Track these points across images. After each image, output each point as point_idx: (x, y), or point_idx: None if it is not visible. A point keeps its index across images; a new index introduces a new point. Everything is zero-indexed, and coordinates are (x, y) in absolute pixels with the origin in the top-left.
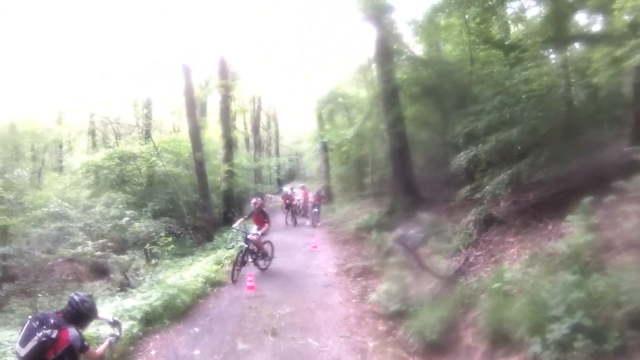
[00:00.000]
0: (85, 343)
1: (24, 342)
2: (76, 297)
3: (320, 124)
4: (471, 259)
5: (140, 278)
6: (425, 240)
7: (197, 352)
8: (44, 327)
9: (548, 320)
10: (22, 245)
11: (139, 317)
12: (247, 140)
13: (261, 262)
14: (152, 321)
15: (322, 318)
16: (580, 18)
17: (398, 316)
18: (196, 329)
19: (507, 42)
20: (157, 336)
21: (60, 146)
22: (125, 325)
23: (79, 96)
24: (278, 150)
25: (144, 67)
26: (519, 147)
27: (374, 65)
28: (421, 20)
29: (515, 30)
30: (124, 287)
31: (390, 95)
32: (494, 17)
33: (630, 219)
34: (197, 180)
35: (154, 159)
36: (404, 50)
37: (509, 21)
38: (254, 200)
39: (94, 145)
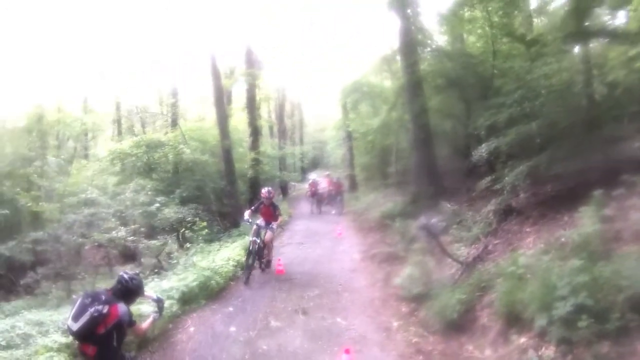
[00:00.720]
0: (133, 319)
1: (76, 318)
2: (125, 275)
3: (344, 113)
4: (490, 247)
5: (174, 261)
6: (447, 228)
7: (233, 328)
8: (96, 303)
9: (555, 300)
10: (58, 230)
11: (176, 296)
12: (271, 128)
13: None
14: (188, 301)
15: (349, 299)
16: (602, 13)
17: (420, 299)
18: (230, 309)
19: (528, 37)
20: (194, 315)
21: (86, 134)
22: (165, 304)
23: (106, 85)
24: (302, 138)
25: (171, 56)
26: (538, 141)
27: (398, 57)
28: (445, 13)
29: (538, 24)
30: (159, 270)
31: (414, 86)
32: (516, 11)
33: (638, 212)
34: (224, 168)
35: (181, 146)
36: (427, 42)
37: (532, 15)
38: (266, 190)
39: (120, 133)
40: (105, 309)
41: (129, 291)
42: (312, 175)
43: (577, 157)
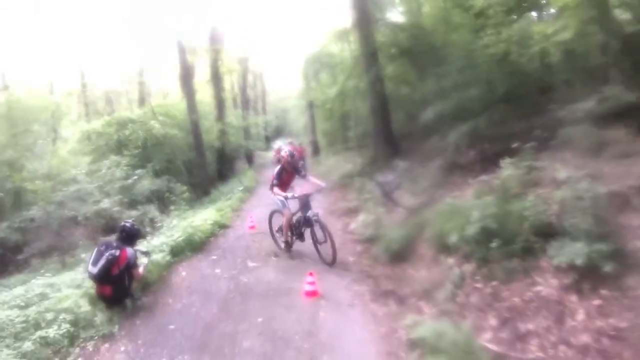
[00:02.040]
0: (137, 261)
1: (95, 262)
2: (127, 224)
3: (306, 82)
4: (435, 196)
5: (159, 224)
6: (401, 184)
7: (217, 270)
8: (110, 248)
9: (467, 225)
10: (49, 207)
11: (167, 249)
12: (234, 99)
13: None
14: (177, 253)
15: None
16: None
17: (372, 239)
18: (213, 257)
19: (472, 10)
20: (184, 263)
21: (53, 116)
22: (158, 256)
23: (71, 65)
24: (265, 108)
25: (136, 35)
26: (478, 105)
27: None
28: None
29: None
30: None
31: (369, 56)
32: None
33: (562, 163)
34: (193, 140)
35: (151, 122)
36: (381, 16)
37: None
38: (287, 150)
39: (87, 114)
40: (117, 252)
41: (132, 234)
42: (277, 143)
43: (518, 118)
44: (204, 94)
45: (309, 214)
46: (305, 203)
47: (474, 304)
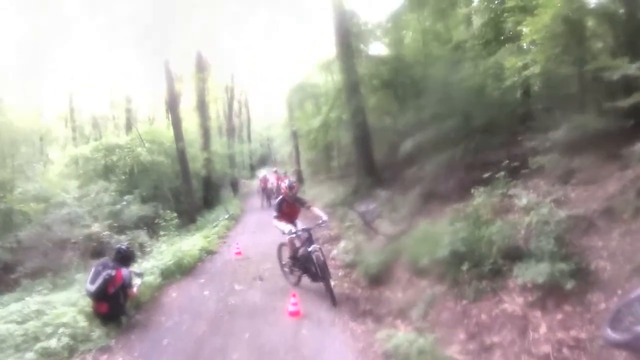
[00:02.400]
0: (132, 281)
1: (93, 281)
2: (122, 246)
3: (290, 111)
4: (413, 224)
5: (149, 249)
6: (381, 212)
7: (206, 292)
8: (107, 268)
9: (438, 248)
10: (40, 229)
11: (157, 272)
12: (220, 127)
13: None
14: (168, 275)
15: None
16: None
17: (353, 265)
18: (202, 280)
19: (451, 43)
20: (174, 285)
21: (41, 140)
22: (150, 278)
23: (59, 91)
24: (250, 136)
25: (123, 62)
26: (453, 136)
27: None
28: (383, 23)
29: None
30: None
31: (352, 88)
32: (444, 18)
33: (531, 191)
34: (180, 168)
35: (139, 149)
36: (363, 49)
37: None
38: (287, 182)
39: (74, 138)
40: (114, 272)
41: (127, 256)
42: (262, 172)
43: (489, 149)
44: (190, 122)
45: (311, 249)
46: (307, 237)
47: (445, 321)
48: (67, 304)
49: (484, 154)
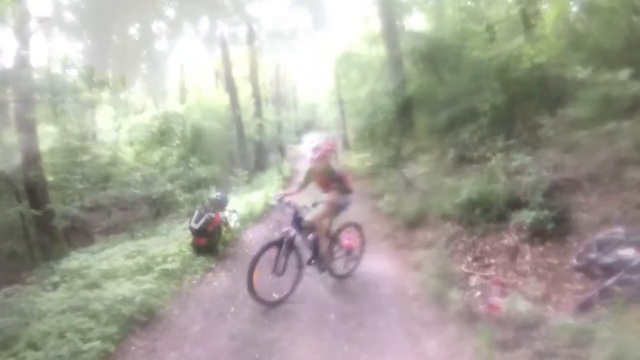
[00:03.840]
0: (228, 220)
1: (197, 221)
2: (218, 194)
3: (336, 79)
4: (445, 182)
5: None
6: (422, 174)
7: (276, 233)
8: (208, 211)
9: (457, 197)
10: (120, 188)
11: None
12: (266, 97)
13: (337, 265)
14: (244, 222)
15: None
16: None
17: (394, 213)
18: (270, 226)
19: (485, 22)
20: (249, 229)
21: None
22: (231, 223)
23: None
24: (296, 103)
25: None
26: (482, 108)
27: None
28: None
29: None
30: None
31: (395, 60)
32: None
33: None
34: (236, 133)
35: (196, 116)
36: (405, 26)
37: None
38: (314, 145)
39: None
40: (213, 215)
41: (221, 203)
42: (310, 137)
43: (511, 121)
44: (241, 90)
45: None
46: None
47: (459, 249)
48: (164, 243)
49: (505, 125)
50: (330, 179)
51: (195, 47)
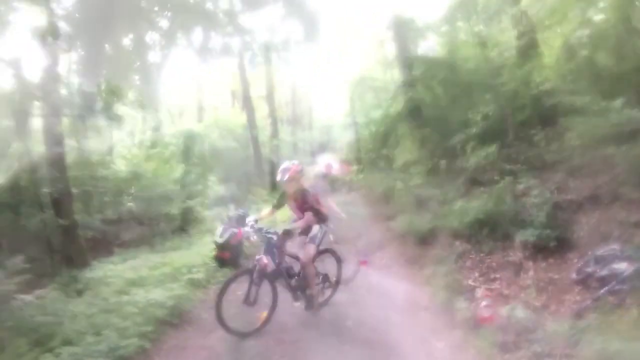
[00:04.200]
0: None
1: (222, 236)
2: (240, 211)
3: (351, 103)
4: (456, 203)
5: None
6: (435, 194)
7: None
8: (232, 227)
9: (466, 217)
10: (139, 204)
11: None
12: (280, 118)
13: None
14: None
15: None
16: None
17: (406, 233)
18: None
19: (496, 48)
20: None
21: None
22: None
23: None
24: (311, 124)
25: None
26: (493, 133)
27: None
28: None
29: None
30: None
31: (409, 84)
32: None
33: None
34: (253, 153)
35: (213, 135)
36: (419, 51)
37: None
38: (285, 166)
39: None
40: (236, 230)
41: (243, 219)
42: (323, 158)
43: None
44: (257, 110)
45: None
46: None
47: (467, 265)
48: (186, 256)
49: (514, 149)
50: (303, 200)
51: (190, 60)
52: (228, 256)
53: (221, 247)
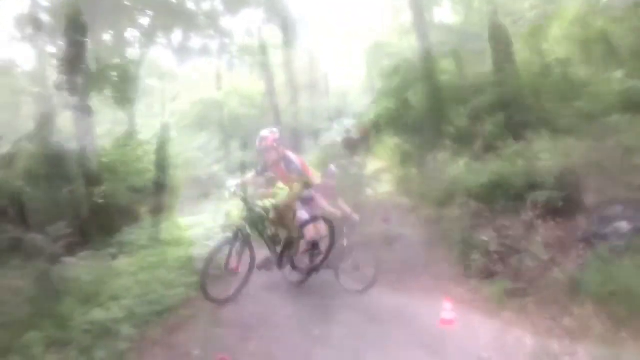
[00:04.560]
0: None
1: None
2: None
3: (368, 68)
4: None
5: None
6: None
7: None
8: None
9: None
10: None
11: None
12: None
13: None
14: None
15: None
16: None
17: (425, 194)
18: None
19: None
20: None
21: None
22: None
23: None
24: (328, 90)
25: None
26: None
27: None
28: None
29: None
30: None
31: (425, 52)
32: None
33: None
34: (274, 119)
35: (232, 103)
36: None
37: None
38: (262, 134)
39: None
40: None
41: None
42: (342, 123)
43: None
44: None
45: None
46: None
47: (482, 223)
48: (216, 219)
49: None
50: (287, 169)
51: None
52: None
53: None
